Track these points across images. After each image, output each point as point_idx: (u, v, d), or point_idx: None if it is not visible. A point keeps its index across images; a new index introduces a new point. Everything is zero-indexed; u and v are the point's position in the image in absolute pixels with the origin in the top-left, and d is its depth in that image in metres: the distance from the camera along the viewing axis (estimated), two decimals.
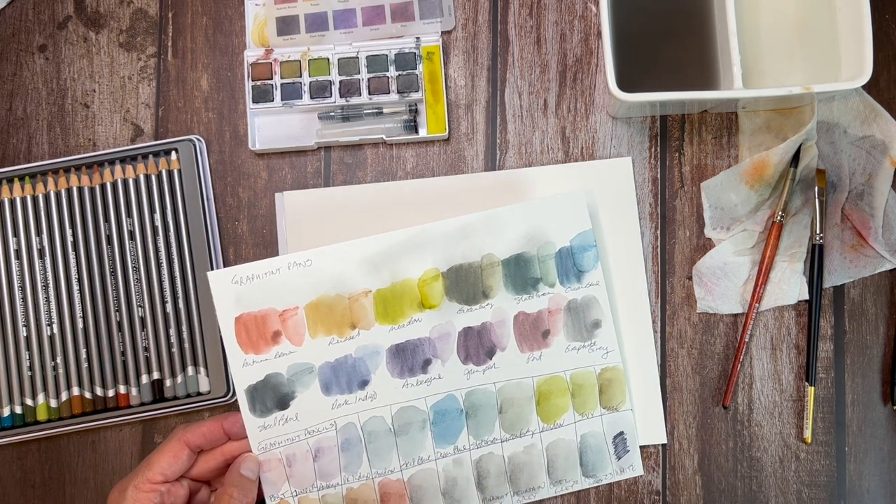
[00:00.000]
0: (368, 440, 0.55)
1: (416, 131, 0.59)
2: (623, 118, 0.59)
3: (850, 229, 0.57)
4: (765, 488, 0.57)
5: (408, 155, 0.60)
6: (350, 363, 0.55)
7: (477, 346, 0.55)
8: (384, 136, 0.59)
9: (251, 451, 0.53)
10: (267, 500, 0.54)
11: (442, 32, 0.60)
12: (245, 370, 0.54)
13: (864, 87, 0.53)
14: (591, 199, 0.58)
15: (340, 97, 0.59)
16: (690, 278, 0.58)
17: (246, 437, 0.53)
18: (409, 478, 0.55)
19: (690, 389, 0.57)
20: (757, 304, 0.57)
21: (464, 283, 0.55)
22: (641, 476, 0.57)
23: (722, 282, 0.57)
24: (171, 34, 0.61)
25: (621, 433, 0.56)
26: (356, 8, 0.60)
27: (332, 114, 0.60)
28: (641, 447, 0.57)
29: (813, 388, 0.56)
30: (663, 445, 0.57)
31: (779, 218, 0.57)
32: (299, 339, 0.54)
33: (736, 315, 0.58)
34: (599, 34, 0.60)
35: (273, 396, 0.54)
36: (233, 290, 0.54)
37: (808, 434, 0.56)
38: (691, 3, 0.57)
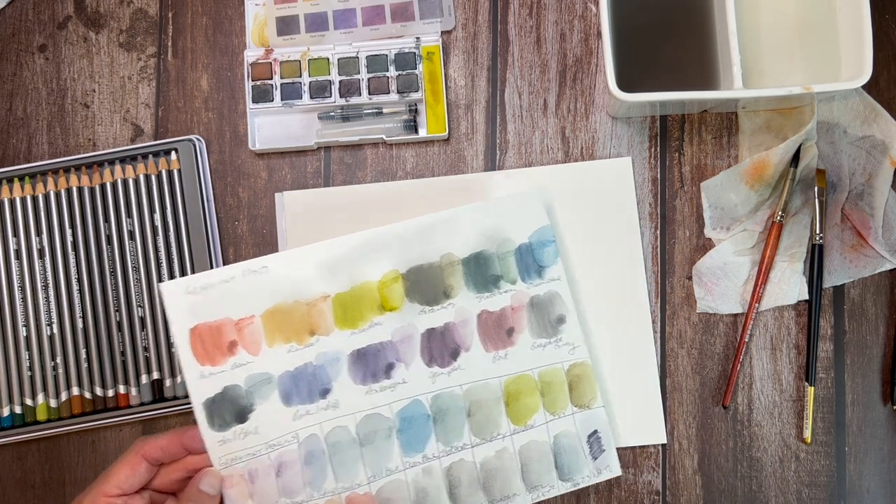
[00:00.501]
0: (332, 452, 0.52)
1: (416, 131, 0.59)
2: (623, 118, 0.59)
3: (850, 229, 0.57)
4: (765, 488, 0.57)
5: (408, 155, 0.60)
6: (310, 371, 0.53)
7: (441, 347, 0.54)
8: (384, 136, 0.59)
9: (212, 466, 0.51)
10: None
11: (442, 32, 0.60)
12: (202, 382, 0.51)
13: (864, 87, 0.53)
14: (547, 197, 0.57)
15: (340, 97, 0.59)
16: (690, 278, 0.58)
17: (205, 451, 0.51)
18: (378, 491, 0.52)
19: (690, 389, 0.57)
20: (757, 304, 0.57)
21: (424, 284, 0.54)
22: (641, 476, 0.57)
23: (722, 282, 0.57)
24: (171, 34, 0.61)
25: (595, 432, 0.55)
26: (356, 8, 0.60)
27: (332, 114, 0.60)
28: (641, 447, 0.57)
29: (813, 388, 0.56)
30: (663, 445, 0.57)
31: (779, 218, 0.56)
32: (256, 349, 0.52)
33: (736, 315, 0.58)
34: (599, 34, 0.60)
35: (231, 409, 0.51)
36: (186, 300, 0.51)
37: (807, 434, 0.56)
38: (691, 2, 0.57)
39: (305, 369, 0.53)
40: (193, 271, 0.58)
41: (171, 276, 0.58)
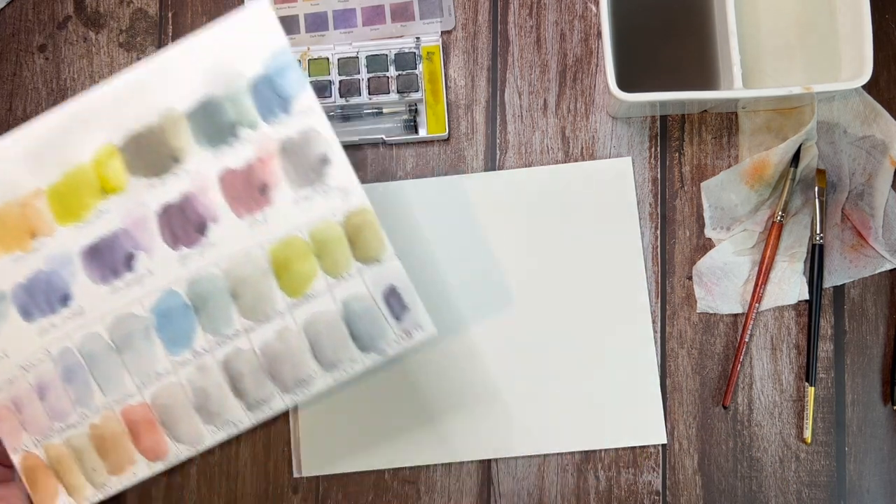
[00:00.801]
0: (91, 364, 0.47)
1: (416, 131, 0.59)
2: (623, 118, 0.59)
3: (851, 229, 0.57)
4: (765, 488, 0.57)
5: (408, 155, 0.60)
6: (43, 279, 0.47)
7: (183, 223, 0.46)
8: (384, 136, 0.59)
9: None
10: (12, 457, 0.48)
11: (442, 32, 0.60)
12: None
13: (864, 86, 0.53)
14: (269, 7, 0.46)
15: (340, 97, 0.59)
16: (690, 278, 0.58)
17: None
18: (152, 399, 0.47)
19: (690, 389, 0.57)
20: (757, 304, 0.57)
21: (147, 153, 0.46)
22: (641, 476, 0.57)
23: (722, 282, 0.57)
24: (171, 34, 0.61)
25: (392, 288, 0.47)
26: (356, 8, 0.60)
27: (332, 114, 0.60)
28: (640, 447, 0.57)
29: (813, 388, 0.56)
30: (663, 445, 0.57)
31: (779, 218, 0.56)
32: None
33: (736, 315, 0.58)
34: (599, 34, 0.60)
35: None
36: None
37: (808, 434, 0.56)
38: (691, 2, 0.57)
39: (38, 277, 0.47)
40: None
41: None
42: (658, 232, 0.59)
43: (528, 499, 0.57)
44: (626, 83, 0.52)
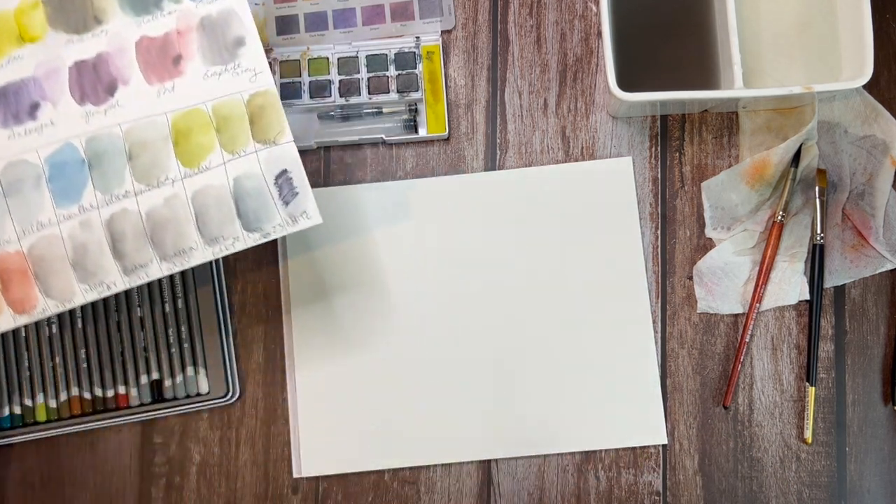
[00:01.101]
0: None
1: (416, 131, 0.59)
2: (623, 118, 0.59)
3: (851, 229, 0.57)
4: (765, 489, 0.56)
5: (407, 155, 0.60)
6: None
7: (94, 82, 0.47)
8: (384, 136, 0.59)
9: None
10: None
11: (442, 32, 0.60)
12: None
13: (864, 86, 0.53)
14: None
15: (340, 97, 0.59)
16: (691, 278, 0.58)
17: None
18: (29, 249, 0.47)
19: (691, 390, 0.57)
20: (757, 305, 0.57)
21: (70, 9, 0.47)
22: (641, 476, 0.57)
23: (722, 282, 0.57)
24: None
25: (284, 172, 0.47)
26: (356, 7, 0.60)
27: (332, 113, 0.60)
28: (641, 447, 0.57)
29: (813, 388, 0.56)
30: (664, 446, 0.57)
31: (779, 218, 0.56)
32: None
33: (736, 315, 0.58)
34: (599, 34, 0.60)
35: None
36: None
37: (808, 434, 0.56)
38: (691, 2, 0.57)
39: None
40: (193, 272, 0.58)
41: (172, 277, 0.58)
42: (658, 232, 0.58)
43: (528, 499, 0.57)
44: (626, 83, 0.52)
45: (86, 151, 0.47)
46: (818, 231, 0.56)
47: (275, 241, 0.59)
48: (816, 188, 0.56)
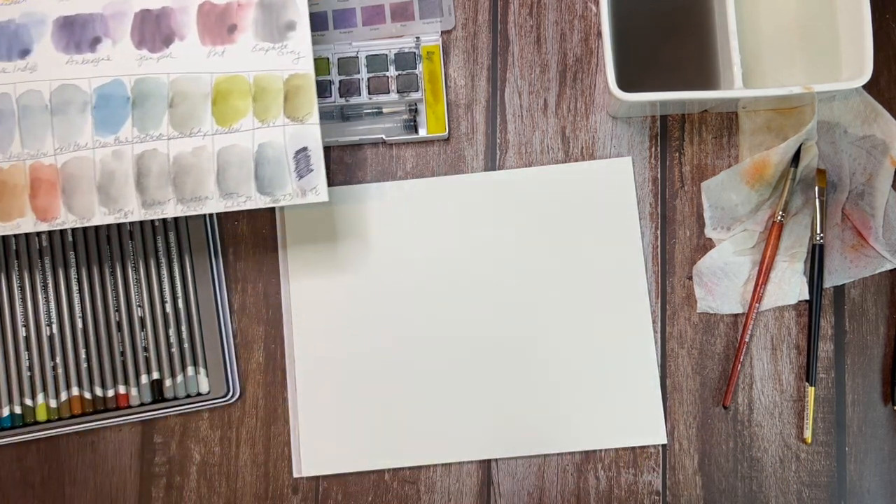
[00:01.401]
0: (22, 115, 0.51)
1: (416, 131, 0.59)
2: (623, 118, 0.59)
3: (851, 229, 0.57)
4: (765, 488, 0.57)
5: (407, 155, 0.60)
6: (12, 29, 0.51)
7: (154, 31, 0.51)
8: (384, 136, 0.59)
9: None
10: None
11: (442, 32, 0.60)
12: None
13: (864, 86, 0.53)
14: None
15: (340, 97, 0.59)
16: (690, 278, 0.58)
17: None
18: (63, 165, 0.50)
19: (690, 390, 0.57)
20: (757, 305, 0.57)
21: None
22: (641, 476, 0.57)
23: (722, 282, 0.57)
24: None
25: (304, 149, 0.51)
26: (356, 7, 0.60)
27: (332, 113, 0.60)
28: (641, 447, 0.57)
29: (813, 388, 0.56)
30: (663, 446, 0.57)
31: (779, 218, 0.56)
32: None
33: (736, 315, 0.58)
34: (599, 34, 0.60)
35: None
36: None
37: (808, 434, 0.56)
38: (691, 2, 0.57)
39: (8, 26, 0.51)
40: (193, 272, 0.58)
41: (171, 276, 0.58)
42: (658, 232, 0.59)
43: (528, 499, 0.57)
44: (626, 83, 0.52)
45: (132, 90, 0.51)
46: (818, 231, 0.56)
47: (275, 241, 0.59)
48: (816, 188, 0.56)
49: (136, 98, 0.51)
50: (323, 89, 0.59)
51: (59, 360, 0.58)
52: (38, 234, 0.58)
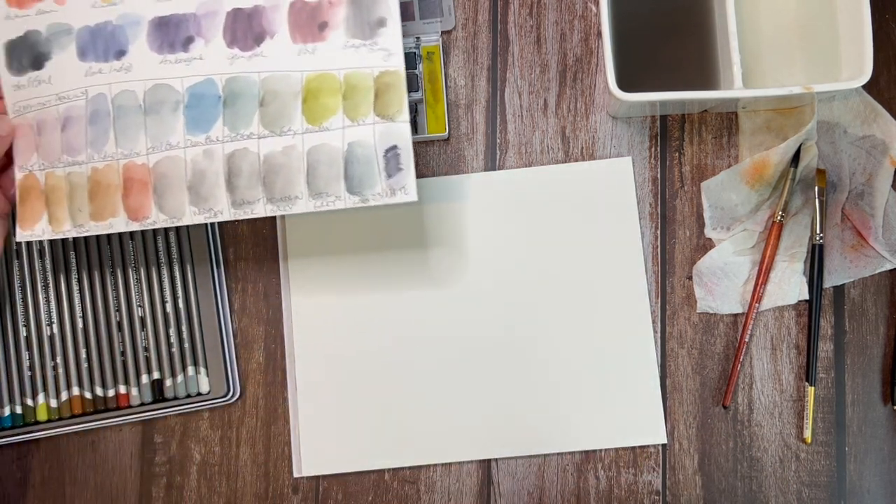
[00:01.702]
0: (117, 115, 0.51)
1: (416, 131, 0.59)
2: (623, 118, 0.59)
3: (851, 229, 0.57)
4: (765, 488, 0.57)
5: None
6: (109, 30, 0.51)
7: (245, 30, 0.51)
8: None
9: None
10: (16, 171, 0.52)
11: (442, 32, 0.60)
12: (6, 23, 0.51)
13: (864, 86, 0.53)
14: None
15: None
16: (690, 278, 0.58)
17: (2, 97, 0.52)
18: (155, 164, 0.50)
19: (690, 389, 0.57)
20: (757, 304, 0.57)
21: None
22: (641, 476, 0.57)
23: (722, 282, 0.57)
24: None
25: (394, 147, 0.50)
26: None
27: None
28: (641, 447, 0.57)
29: (813, 388, 0.56)
30: (663, 446, 0.57)
31: (779, 218, 0.56)
32: None
33: (736, 315, 0.58)
34: (599, 34, 0.60)
35: (30, 54, 0.51)
36: None
37: (808, 434, 0.56)
38: (691, 2, 0.57)
39: (105, 27, 0.51)
40: (193, 272, 0.58)
41: (172, 277, 0.58)
42: (658, 232, 0.59)
43: (528, 499, 0.57)
44: (626, 83, 0.52)
45: (223, 89, 0.51)
46: (818, 231, 0.56)
47: (275, 241, 0.59)
48: (816, 188, 0.56)
49: (227, 97, 0.51)
50: None
51: (59, 359, 0.58)
52: None
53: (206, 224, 0.58)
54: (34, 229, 0.52)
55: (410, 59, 0.59)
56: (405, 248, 0.58)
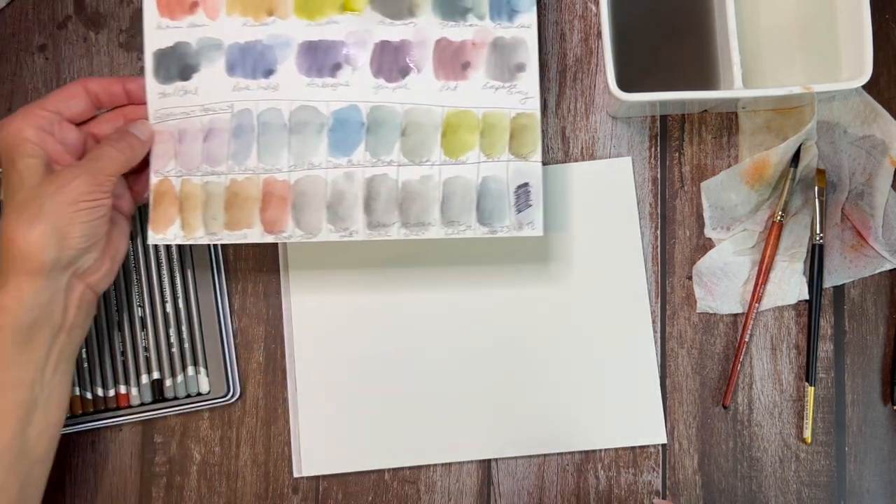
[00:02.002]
0: (262, 131, 0.53)
1: None
2: (623, 118, 0.59)
3: (851, 229, 0.57)
4: (765, 488, 0.57)
5: None
6: (259, 49, 0.53)
7: (392, 62, 0.53)
8: None
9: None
10: (151, 175, 0.53)
11: None
12: (157, 33, 0.53)
13: (864, 86, 0.53)
14: None
15: None
16: (690, 278, 0.58)
17: (145, 102, 0.53)
18: (296, 182, 0.52)
19: (690, 389, 0.57)
20: (757, 304, 0.57)
21: None
22: (641, 476, 0.57)
23: (722, 282, 0.57)
24: None
25: (525, 185, 0.53)
26: None
27: None
28: (640, 447, 0.57)
29: (813, 388, 0.56)
30: (663, 445, 0.57)
31: (779, 218, 0.56)
32: (215, 14, 0.53)
33: (736, 315, 0.58)
34: (599, 34, 0.60)
35: (178, 64, 0.53)
36: None
37: (808, 434, 0.56)
38: (691, 3, 0.57)
39: (255, 46, 0.53)
40: (193, 271, 0.58)
41: (172, 277, 0.58)
42: (658, 232, 0.59)
43: (528, 499, 0.57)
44: (626, 83, 0.52)
45: (367, 116, 0.53)
46: (817, 231, 0.56)
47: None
48: (816, 188, 0.56)
49: (370, 124, 0.53)
50: None
51: None
52: None
53: None
54: (166, 233, 0.53)
55: None
56: (405, 248, 0.58)
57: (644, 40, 0.58)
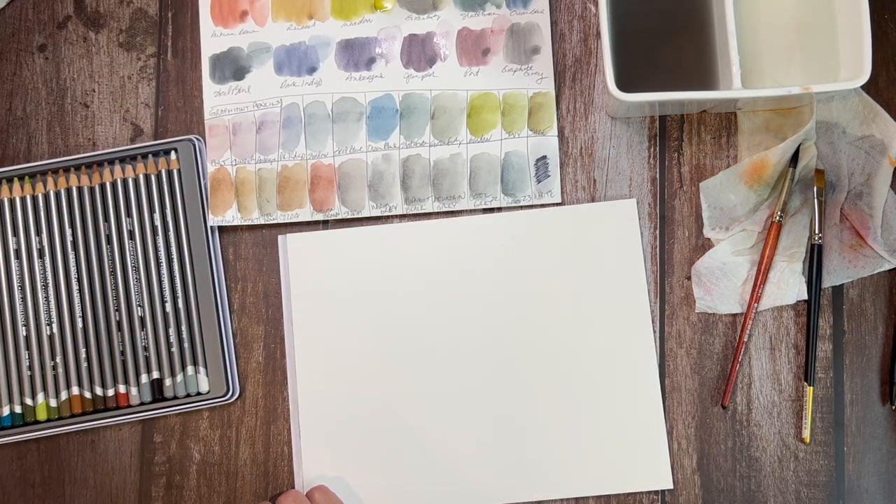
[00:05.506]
0: (308, 122, 0.59)
1: None
2: (622, 118, 0.59)
3: (849, 229, 0.57)
4: (763, 488, 0.57)
5: None
6: (303, 50, 0.59)
7: (420, 53, 0.59)
8: None
9: None
10: (209, 165, 0.59)
11: None
12: (213, 40, 0.60)
13: (863, 86, 0.53)
14: None
15: None
16: (689, 278, 0.58)
17: None
18: (340, 164, 0.59)
19: (689, 389, 0.57)
20: (756, 305, 0.57)
21: None
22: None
23: (721, 282, 0.58)
24: (170, 34, 0.62)
25: (544, 157, 0.58)
26: None
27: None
28: (645, 493, 0.57)
29: (812, 387, 0.56)
30: (670, 491, 0.57)
31: (778, 218, 0.57)
32: (263, 21, 0.60)
33: (735, 315, 0.58)
34: (598, 34, 0.60)
35: (232, 67, 0.60)
36: None
37: (806, 434, 0.56)
38: (690, 3, 0.57)
39: (299, 47, 0.60)
40: (193, 272, 0.58)
41: (172, 277, 0.58)
42: (657, 232, 0.59)
43: None
44: (625, 83, 0.52)
45: (400, 104, 0.59)
46: (816, 231, 0.56)
47: (275, 241, 0.59)
48: (815, 188, 0.56)
49: (403, 110, 0.59)
50: None
51: (59, 359, 0.58)
52: (38, 233, 0.59)
53: (204, 223, 0.58)
54: (225, 216, 0.59)
55: None
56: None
57: (643, 40, 0.58)
